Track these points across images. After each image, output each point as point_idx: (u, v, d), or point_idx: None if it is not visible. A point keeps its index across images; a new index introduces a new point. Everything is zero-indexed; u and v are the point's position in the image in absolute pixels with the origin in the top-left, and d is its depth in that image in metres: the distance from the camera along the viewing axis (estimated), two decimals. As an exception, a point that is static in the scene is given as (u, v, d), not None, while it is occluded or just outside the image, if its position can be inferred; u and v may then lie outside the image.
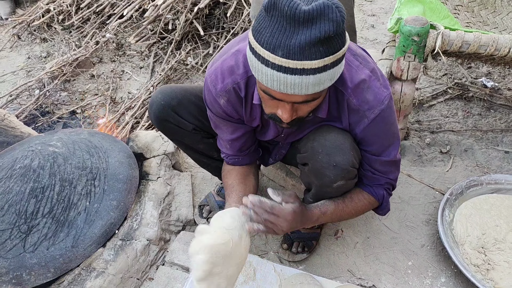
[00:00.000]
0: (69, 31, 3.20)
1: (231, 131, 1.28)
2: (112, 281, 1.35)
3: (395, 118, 1.18)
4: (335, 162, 1.11)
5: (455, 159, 1.94)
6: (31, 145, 1.69)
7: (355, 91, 1.07)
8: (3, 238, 1.40)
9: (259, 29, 0.86)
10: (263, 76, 0.90)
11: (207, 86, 1.19)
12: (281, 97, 0.94)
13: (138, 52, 2.92)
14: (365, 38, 2.91)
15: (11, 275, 1.34)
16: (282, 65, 0.85)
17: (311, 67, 0.84)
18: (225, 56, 1.16)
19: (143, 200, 1.58)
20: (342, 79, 1.06)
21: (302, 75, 0.85)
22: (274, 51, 0.84)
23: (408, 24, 1.53)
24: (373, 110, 1.08)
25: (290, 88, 0.88)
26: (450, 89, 2.36)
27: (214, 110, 1.23)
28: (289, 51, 0.83)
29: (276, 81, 0.88)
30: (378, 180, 1.25)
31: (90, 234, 1.43)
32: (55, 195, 1.49)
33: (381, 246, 1.59)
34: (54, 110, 2.50)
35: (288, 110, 0.97)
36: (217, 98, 1.18)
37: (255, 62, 0.90)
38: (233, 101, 1.17)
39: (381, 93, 1.08)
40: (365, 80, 1.07)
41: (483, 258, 1.48)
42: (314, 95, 0.93)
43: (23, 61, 3.02)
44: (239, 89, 1.14)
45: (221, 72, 1.14)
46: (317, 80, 0.87)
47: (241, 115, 1.22)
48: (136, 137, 1.80)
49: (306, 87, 0.88)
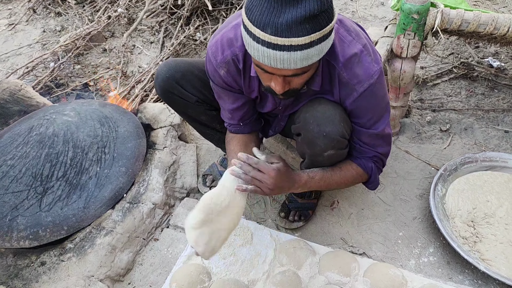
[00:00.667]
0: (83, 5, 3.27)
1: (232, 101, 1.35)
2: (120, 239, 1.47)
3: (385, 93, 1.23)
4: (325, 132, 1.17)
5: (454, 137, 1.98)
6: (46, 114, 1.79)
7: (346, 65, 1.13)
8: (21, 198, 1.52)
9: (251, 7, 0.92)
10: (255, 51, 0.96)
11: (208, 58, 1.26)
12: (272, 71, 1.00)
13: (149, 27, 2.98)
14: (374, 15, 2.90)
15: (29, 231, 1.46)
16: (271, 42, 0.91)
17: (298, 43, 0.90)
18: (225, 29, 1.22)
19: (150, 168, 1.67)
20: (334, 53, 1.12)
21: (290, 51, 0.91)
22: (263, 28, 0.90)
23: (409, 1, 1.55)
24: (362, 84, 1.14)
25: (279, 63, 0.94)
26: (455, 69, 2.37)
27: (215, 80, 1.30)
28: (277, 29, 0.89)
29: (267, 57, 0.94)
30: (366, 153, 1.31)
31: (100, 197, 1.54)
32: (68, 161, 1.60)
33: (374, 217, 1.66)
34: (68, 82, 2.59)
35: (280, 83, 1.04)
36: (217, 69, 1.24)
37: (248, 38, 0.96)
38: (233, 72, 1.24)
39: (371, 68, 1.13)
40: (356, 54, 1.12)
41: (472, 231, 1.55)
42: (303, 69, 0.99)
43: (39, 34, 3.10)
44: (237, 61, 1.21)
45: (221, 44, 1.21)
46: (304, 56, 0.93)
47: (240, 86, 1.29)
48: (144, 109, 1.89)
49: (295, 62, 0.94)
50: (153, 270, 1.50)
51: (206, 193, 1.17)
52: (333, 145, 1.20)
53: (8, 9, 3.47)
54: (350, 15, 2.94)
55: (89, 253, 1.42)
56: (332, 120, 1.17)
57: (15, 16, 3.35)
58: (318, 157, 1.26)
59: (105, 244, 1.44)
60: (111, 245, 1.45)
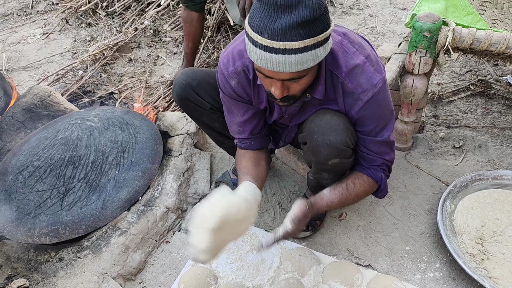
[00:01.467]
0: (112, 17, 3.44)
1: (242, 113, 1.41)
2: (133, 240, 1.54)
3: (389, 101, 1.27)
4: (329, 141, 1.22)
5: (468, 154, 1.98)
6: (72, 119, 1.91)
7: (350, 75, 1.19)
8: (44, 197, 1.63)
9: (252, 15, 1.01)
10: (254, 55, 1.04)
11: (220, 69, 1.34)
12: (270, 75, 1.07)
13: (173, 39, 3.11)
14: (393, 31, 2.93)
15: (50, 229, 1.56)
16: (267, 46, 0.99)
17: (292, 47, 0.98)
18: (236, 42, 1.30)
19: (165, 173, 1.75)
20: (338, 64, 1.18)
21: (285, 54, 0.99)
22: (261, 33, 0.98)
23: (420, 20, 1.59)
24: (366, 93, 1.19)
25: (275, 66, 1.01)
26: (472, 86, 2.36)
27: (226, 91, 1.37)
28: (272, 34, 0.97)
29: (264, 60, 1.02)
30: (374, 161, 1.35)
31: (117, 199, 1.63)
32: (90, 163, 1.70)
33: (381, 231, 1.68)
34: (95, 90, 2.73)
35: (279, 87, 1.10)
36: (229, 79, 1.32)
37: (249, 43, 1.04)
38: (243, 82, 1.31)
39: (374, 78, 1.19)
40: (359, 65, 1.18)
41: (480, 249, 1.55)
42: (299, 73, 1.05)
43: (70, 43, 3.28)
44: (248, 72, 1.28)
45: (232, 56, 1.29)
46: (299, 60, 1.00)
47: (250, 97, 1.35)
48: (163, 117, 1.98)
49: (290, 65, 1.01)
50: (163, 271, 1.57)
51: (224, 197, 1.17)
52: (337, 154, 1.25)
53: (43, 19, 3.68)
54: (369, 30, 2.98)
55: (104, 251, 1.50)
56: (336, 130, 1.22)
57: (49, 26, 3.55)
58: (323, 165, 1.31)
59: (119, 243, 1.52)
60: (125, 245, 1.52)
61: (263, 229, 1.66)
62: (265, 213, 1.79)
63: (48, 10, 3.81)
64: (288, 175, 1.94)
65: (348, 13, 3.22)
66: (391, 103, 1.30)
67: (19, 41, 3.39)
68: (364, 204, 1.77)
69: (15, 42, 3.37)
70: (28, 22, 3.67)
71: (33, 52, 3.23)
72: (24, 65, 3.08)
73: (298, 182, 1.90)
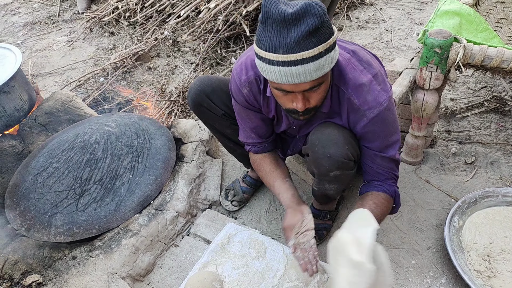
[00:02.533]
0: (134, 27, 3.56)
1: (253, 119, 1.46)
2: (143, 242, 1.59)
3: (395, 120, 1.30)
4: (329, 154, 1.25)
5: (479, 170, 1.97)
6: (91, 124, 1.99)
7: (356, 92, 1.22)
8: (61, 197, 1.70)
9: (260, 39, 1.05)
10: (272, 74, 1.07)
11: (233, 78, 1.39)
12: (291, 89, 1.10)
13: (191, 49, 3.20)
14: (408, 46, 2.95)
15: (65, 228, 1.62)
16: (285, 61, 1.02)
17: (308, 56, 1.02)
18: (249, 53, 1.35)
19: (177, 178, 1.81)
20: (345, 80, 1.22)
21: (303, 64, 1.02)
22: (275, 51, 1.02)
23: (432, 36, 1.61)
24: (372, 110, 1.22)
25: (296, 78, 1.05)
26: (486, 102, 2.35)
27: (238, 99, 1.42)
28: (287, 48, 1.01)
29: (284, 75, 1.05)
30: (383, 175, 1.36)
31: (130, 202, 1.69)
32: (106, 167, 1.77)
33: (388, 243, 1.68)
34: (114, 97, 2.83)
35: (300, 100, 1.13)
36: (241, 88, 1.37)
37: (263, 65, 1.08)
38: (254, 91, 1.36)
39: (381, 96, 1.22)
40: (365, 84, 1.21)
41: (487, 266, 1.54)
42: (319, 80, 1.09)
43: (93, 51, 3.41)
44: (259, 81, 1.33)
45: (245, 65, 1.34)
46: (317, 66, 1.04)
47: (260, 105, 1.40)
48: (177, 124, 2.05)
49: (310, 74, 1.04)
50: (171, 273, 1.61)
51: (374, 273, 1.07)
52: (337, 166, 1.27)
53: (69, 28, 3.84)
54: (384, 44, 3.00)
55: (115, 252, 1.55)
56: (336, 143, 1.25)
57: (74, 34, 3.71)
58: (325, 177, 1.33)
59: (130, 245, 1.57)
60: (135, 246, 1.57)
61: (270, 237, 1.69)
62: (272, 221, 1.81)
63: (74, 19, 3.97)
64: (297, 185, 1.96)
65: (364, 27, 3.25)
66: (396, 122, 1.32)
67: (45, 48, 3.55)
68: (372, 216, 1.78)
69: (41, 49, 3.53)
70: (54, 30, 3.84)
71: (57, 58, 3.38)
72: (48, 71, 3.22)
73: (306, 192, 1.93)
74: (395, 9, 3.46)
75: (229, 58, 2.96)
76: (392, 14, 3.39)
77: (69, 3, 4.26)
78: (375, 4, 3.57)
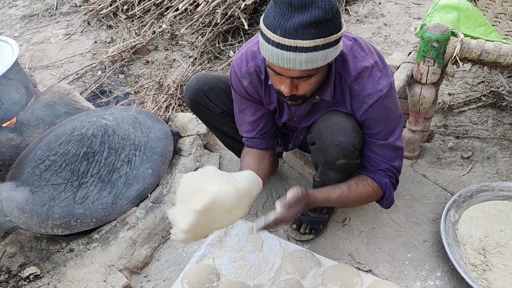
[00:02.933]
0: (132, 20, 3.54)
1: (252, 112, 1.46)
2: (140, 235, 1.60)
3: (396, 106, 1.30)
4: (338, 141, 1.26)
5: (476, 165, 1.97)
6: (88, 117, 1.99)
7: (357, 79, 1.23)
8: (59, 190, 1.70)
9: (267, 14, 1.06)
10: (266, 52, 1.08)
11: (233, 69, 1.39)
12: (280, 71, 1.11)
13: (189, 42, 3.18)
14: (407, 41, 2.94)
15: (62, 220, 1.63)
16: (279, 43, 1.03)
17: (303, 45, 1.02)
18: (249, 44, 1.36)
19: (174, 172, 1.81)
20: (347, 67, 1.22)
21: (295, 52, 1.03)
22: (274, 30, 1.03)
23: (429, 30, 1.61)
24: (371, 96, 1.23)
25: (286, 63, 1.05)
26: (484, 97, 2.36)
27: (238, 90, 1.42)
28: (285, 31, 1.02)
29: (275, 56, 1.06)
30: (379, 165, 1.36)
31: (127, 195, 1.69)
32: (103, 160, 1.77)
33: (384, 237, 1.69)
34: (112, 90, 2.83)
35: (288, 85, 1.14)
36: (241, 79, 1.37)
37: (262, 41, 1.09)
38: (255, 83, 1.36)
39: (381, 82, 1.23)
40: (368, 68, 1.22)
41: (482, 259, 1.55)
42: (309, 71, 1.09)
43: (90, 44, 3.40)
44: (260, 72, 1.33)
45: (246, 57, 1.34)
46: (309, 58, 1.04)
47: (261, 97, 1.40)
48: (174, 118, 2.05)
49: (300, 63, 1.05)
50: (168, 266, 1.62)
51: (220, 182, 1.15)
52: (344, 154, 1.28)
53: (66, 21, 3.82)
54: (383, 39, 2.99)
55: (112, 244, 1.56)
56: (345, 131, 1.26)
57: (71, 27, 3.68)
58: (330, 166, 1.34)
59: (127, 238, 1.57)
60: (132, 239, 1.58)
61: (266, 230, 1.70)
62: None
63: (71, 12, 3.95)
64: (294, 179, 1.97)
65: (363, 22, 3.24)
66: (397, 108, 1.32)
67: (43, 41, 3.53)
68: (368, 210, 1.79)
69: (39, 42, 3.51)
70: (52, 23, 3.81)
71: (55, 51, 3.36)
72: (46, 64, 3.20)
73: (304, 186, 1.93)
74: (394, 3, 3.45)
75: (227, 51, 2.95)
76: (391, 8, 3.38)
77: (67, -5, 4.24)
78: (374, -2, 3.56)
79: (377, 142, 1.33)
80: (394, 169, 1.40)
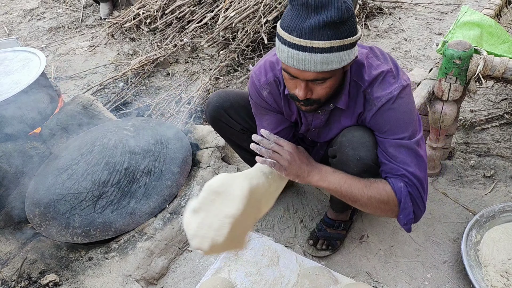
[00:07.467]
0: (154, 33, 3.63)
1: (273, 126, 1.44)
2: (158, 246, 1.61)
3: (409, 110, 1.24)
4: (359, 156, 1.25)
5: (498, 184, 1.93)
6: (110, 128, 2.03)
7: (371, 84, 1.23)
8: (80, 199, 1.73)
9: (284, 17, 1.08)
10: (282, 53, 1.09)
11: (252, 81, 1.41)
12: (296, 74, 1.12)
13: (209, 55, 3.23)
14: (427, 56, 2.92)
15: (82, 229, 1.66)
16: (295, 43, 1.04)
17: (318, 46, 1.03)
18: (268, 56, 1.38)
19: (192, 183, 1.83)
20: (361, 75, 1.23)
21: (311, 52, 1.04)
22: (290, 32, 1.04)
23: (451, 47, 1.59)
24: (380, 99, 1.22)
25: (301, 64, 1.06)
26: (507, 114, 2.31)
27: (258, 101, 1.43)
28: (301, 32, 1.03)
29: (291, 57, 1.07)
30: (394, 170, 1.24)
31: (146, 205, 1.71)
32: (123, 170, 1.80)
33: (403, 256, 1.66)
34: (133, 101, 2.88)
35: (303, 88, 1.14)
36: (260, 90, 1.38)
37: (278, 43, 1.10)
38: (274, 93, 1.38)
39: (391, 86, 1.22)
40: (382, 72, 1.22)
41: (505, 282, 1.50)
42: (323, 74, 1.09)
43: (114, 56, 3.49)
44: (279, 82, 1.34)
45: (264, 67, 1.36)
46: (324, 59, 1.05)
47: (281, 108, 1.41)
48: (194, 130, 2.07)
49: (315, 64, 1.05)
50: (184, 278, 1.62)
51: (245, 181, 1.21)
52: (365, 170, 1.26)
53: (91, 33, 3.94)
54: (403, 54, 2.98)
55: (130, 254, 1.58)
56: (366, 146, 1.25)
57: (96, 39, 3.80)
58: None
59: (145, 248, 1.59)
60: (150, 250, 1.60)
61: (283, 245, 1.69)
62: (286, 229, 1.81)
63: (96, 25, 4.07)
64: (311, 193, 1.96)
65: (383, 37, 3.24)
66: (412, 112, 1.26)
67: (68, 52, 3.64)
68: (387, 228, 1.77)
69: (64, 53, 3.63)
70: (77, 35, 3.94)
71: (79, 63, 3.46)
72: (70, 75, 3.30)
73: (321, 200, 1.92)
74: (414, 18, 3.44)
75: (247, 65, 2.98)
76: (411, 23, 3.37)
77: (92, 9, 4.37)
78: (394, 13, 3.55)
79: (388, 141, 1.24)
80: (412, 177, 1.23)
